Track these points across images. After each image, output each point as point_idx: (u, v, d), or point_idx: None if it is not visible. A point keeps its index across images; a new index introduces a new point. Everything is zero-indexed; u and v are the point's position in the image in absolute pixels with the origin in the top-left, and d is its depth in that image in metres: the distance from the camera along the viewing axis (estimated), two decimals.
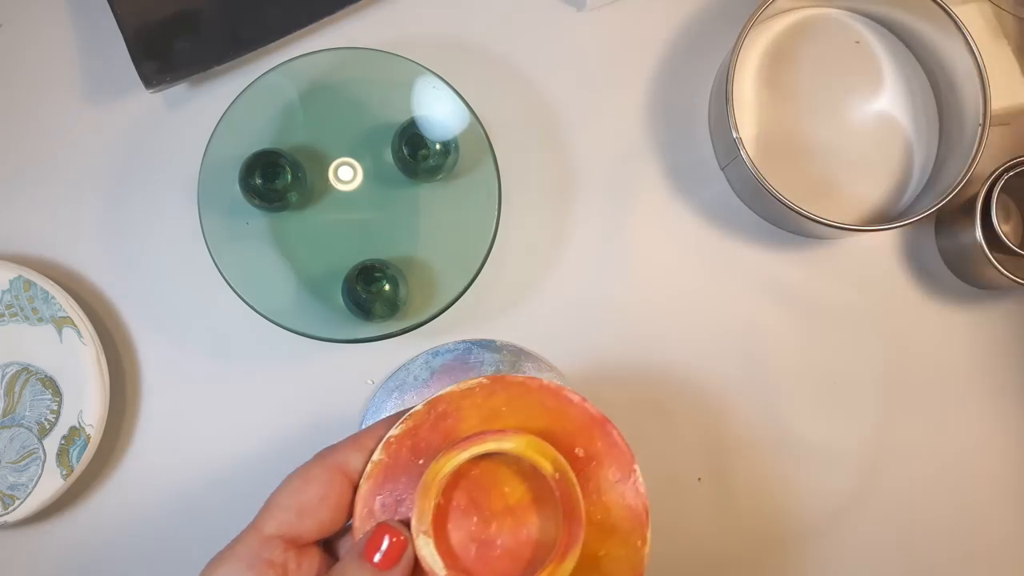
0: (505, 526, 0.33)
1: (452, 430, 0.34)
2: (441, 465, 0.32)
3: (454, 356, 0.51)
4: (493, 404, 0.34)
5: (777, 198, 0.47)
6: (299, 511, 0.33)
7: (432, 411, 0.34)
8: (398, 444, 0.33)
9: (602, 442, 0.34)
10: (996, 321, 0.53)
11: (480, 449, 0.32)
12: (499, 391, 0.34)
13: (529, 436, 0.32)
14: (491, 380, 0.34)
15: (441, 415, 0.34)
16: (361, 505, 0.33)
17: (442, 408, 0.34)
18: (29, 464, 0.49)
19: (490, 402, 0.34)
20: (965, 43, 0.48)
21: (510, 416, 0.34)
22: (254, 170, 0.48)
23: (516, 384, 0.34)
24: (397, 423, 0.34)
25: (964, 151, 0.48)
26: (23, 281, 0.49)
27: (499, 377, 0.34)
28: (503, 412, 0.34)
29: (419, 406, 0.34)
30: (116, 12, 0.50)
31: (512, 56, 0.53)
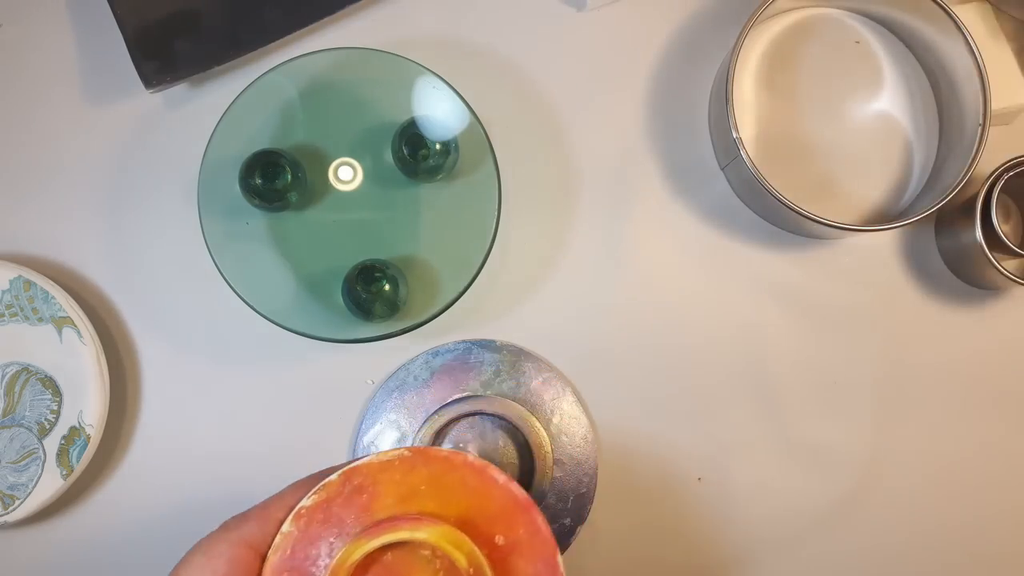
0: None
1: (366, 507, 0.32)
2: (350, 552, 0.30)
3: (454, 356, 0.51)
4: (412, 481, 0.32)
5: (777, 198, 0.47)
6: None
7: (347, 483, 0.32)
8: (309, 517, 0.32)
9: (524, 529, 0.32)
10: (996, 321, 0.53)
11: (392, 538, 0.30)
12: (420, 466, 0.33)
13: (444, 526, 0.31)
14: (413, 453, 0.33)
15: (356, 488, 0.32)
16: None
17: (358, 481, 0.32)
18: (29, 464, 0.49)
19: (409, 478, 0.32)
20: (965, 43, 0.48)
21: (429, 496, 0.32)
22: (254, 170, 0.48)
23: (439, 460, 0.33)
24: (309, 494, 0.33)
25: (964, 151, 0.48)
26: (23, 281, 0.49)
27: (422, 450, 0.33)
28: (422, 491, 0.32)
29: (334, 476, 0.33)
30: (116, 12, 0.50)
31: (512, 56, 0.53)
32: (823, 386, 0.52)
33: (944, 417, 0.53)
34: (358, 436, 0.50)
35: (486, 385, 0.50)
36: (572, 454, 0.50)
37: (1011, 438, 0.53)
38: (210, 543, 0.33)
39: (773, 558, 0.51)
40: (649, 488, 0.51)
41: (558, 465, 0.50)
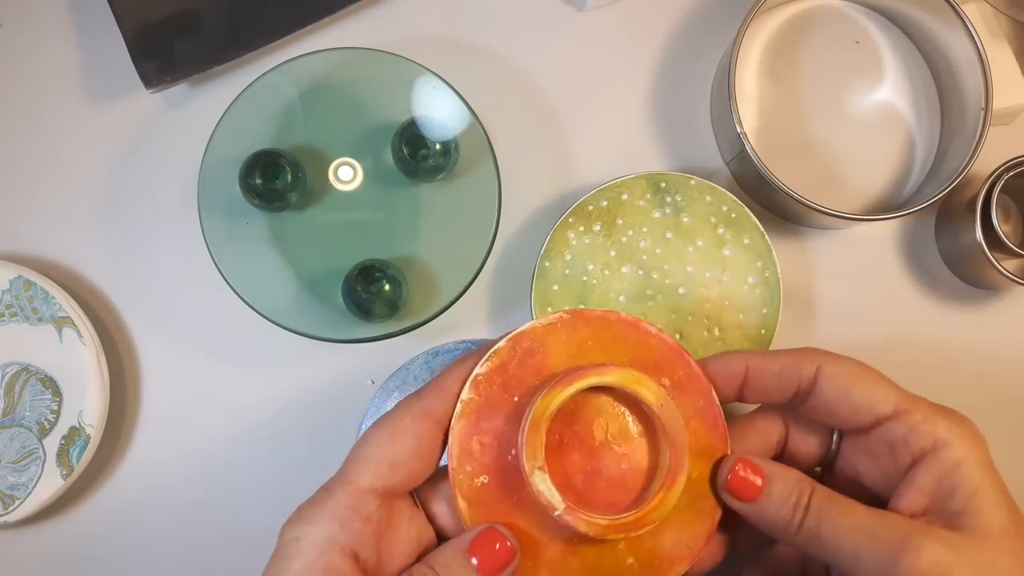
0: (609, 457, 0.34)
1: (542, 365, 0.34)
2: (548, 401, 0.32)
3: (454, 356, 0.51)
4: (578, 339, 0.34)
5: (783, 190, 0.47)
6: (392, 463, 0.32)
7: (517, 347, 0.34)
8: (487, 382, 0.34)
9: (682, 371, 0.35)
10: (996, 321, 0.53)
11: (585, 383, 0.32)
12: (581, 326, 0.35)
13: (630, 370, 0.33)
14: (571, 315, 0.35)
15: (527, 351, 0.34)
16: (457, 447, 0.33)
17: (527, 344, 0.34)
18: (29, 464, 0.49)
19: (575, 337, 0.34)
20: (965, 30, 0.48)
21: (596, 350, 0.34)
22: (254, 170, 0.48)
23: (596, 318, 0.35)
24: (481, 362, 0.34)
25: (966, 139, 0.48)
26: (23, 281, 0.49)
27: (579, 312, 0.35)
28: (589, 346, 0.34)
29: (501, 342, 0.34)
30: (116, 12, 0.50)
31: (512, 56, 0.53)
32: None
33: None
34: (358, 436, 0.50)
35: None
36: None
37: (1010, 438, 0.53)
38: (395, 419, 0.33)
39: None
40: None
41: None
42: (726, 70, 0.48)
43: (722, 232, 0.47)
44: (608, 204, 0.46)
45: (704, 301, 0.47)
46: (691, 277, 0.47)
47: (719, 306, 0.47)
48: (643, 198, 0.46)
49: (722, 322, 0.47)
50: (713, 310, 0.48)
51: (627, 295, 0.47)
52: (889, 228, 0.53)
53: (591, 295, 0.48)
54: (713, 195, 0.47)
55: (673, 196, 0.47)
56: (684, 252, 0.47)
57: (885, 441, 0.34)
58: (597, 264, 0.47)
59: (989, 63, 0.47)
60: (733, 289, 0.48)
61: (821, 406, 0.35)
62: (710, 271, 0.48)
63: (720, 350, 0.47)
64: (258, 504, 0.51)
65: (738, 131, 0.47)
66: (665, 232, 0.47)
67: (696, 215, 0.47)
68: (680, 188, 0.47)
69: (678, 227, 0.47)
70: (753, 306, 0.48)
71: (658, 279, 0.47)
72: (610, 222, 0.47)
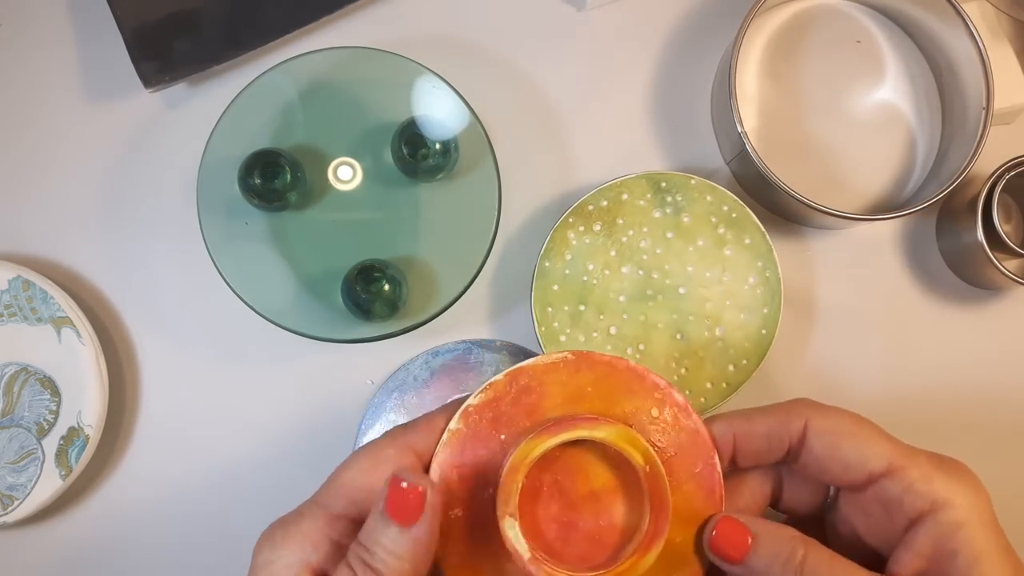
0: (587, 511, 0.33)
1: (535, 406, 0.33)
2: (530, 448, 0.31)
3: (454, 356, 0.51)
4: (578, 383, 0.34)
5: (784, 190, 0.47)
6: (369, 491, 0.32)
7: (514, 384, 0.33)
8: (477, 415, 0.33)
9: (686, 433, 0.34)
10: (996, 321, 0.53)
11: (571, 436, 0.32)
12: (584, 369, 0.34)
13: (621, 427, 0.32)
14: (576, 357, 0.34)
15: (523, 389, 0.33)
16: (437, 476, 0.33)
17: (524, 382, 0.33)
18: (28, 464, 0.48)
19: (575, 380, 0.34)
20: (966, 30, 0.48)
21: (596, 398, 0.34)
22: (254, 170, 0.48)
23: (602, 364, 0.34)
24: (475, 392, 0.33)
25: (967, 138, 0.48)
26: (22, 281, 0.49)
27: (585, 354, 0.34)
28: (588, 393, 0.33)
29: (499, 376, 0.33)
30: (116, 12, 0.50)
31: (512, 56, 0.53)
32: (823, 384, 0.52)
33: (943, 416, 0.53)
34: (358, 436, 0.50)
35: None
36: None
37: (1010, 438, 0.53)
38: (378, 448, 0.33)
39: None
40: None
41: None
42: (726, 70, 0.48)
43: (723, 232, 0.47)
44: (608, 204, 0.47)
45: (705, 301, 0.47)
46: (692, 277, 0.47)
47: (720, 306, 0.47)
48: (643, 198, 0.46)
49: (723, 322, 0.47)
50: (714, 310, 0.48)
51: (627, 295, 0.47)
52: (890, 228, 0.53)
53: (591, 295, 0.47)
54: (714, 195, 0.47)
55: (674, 196, 0.47)
56: (685, 252, 0.47)
57: (880, 500, 0.33)
58: (597, 264, 0.47)
59: (990, 63, 0.47)
60: (734, 289, 0.48)
61: (812, 463, 0.34)
62: (711, 271, 0.47)
63: (721, 350, 0.47)
64: (257, 504, 0.51)
65: (738, 131, 0.47)
66: (665, 232, 0.47)
67: (697, 215, 0.47)
68: (681, 188, 0.47)
69: (678, 227, 0.47)
70: (754, 306, 0.48)
71: (659, 279, 0.47)
72: (610, 222, 0.47)
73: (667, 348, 0.46)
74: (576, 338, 0.46)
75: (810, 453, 0.33)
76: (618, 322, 0.46)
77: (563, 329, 0.46)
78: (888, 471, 0.32)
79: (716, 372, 0.47)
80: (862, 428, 0.34)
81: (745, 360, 0.48)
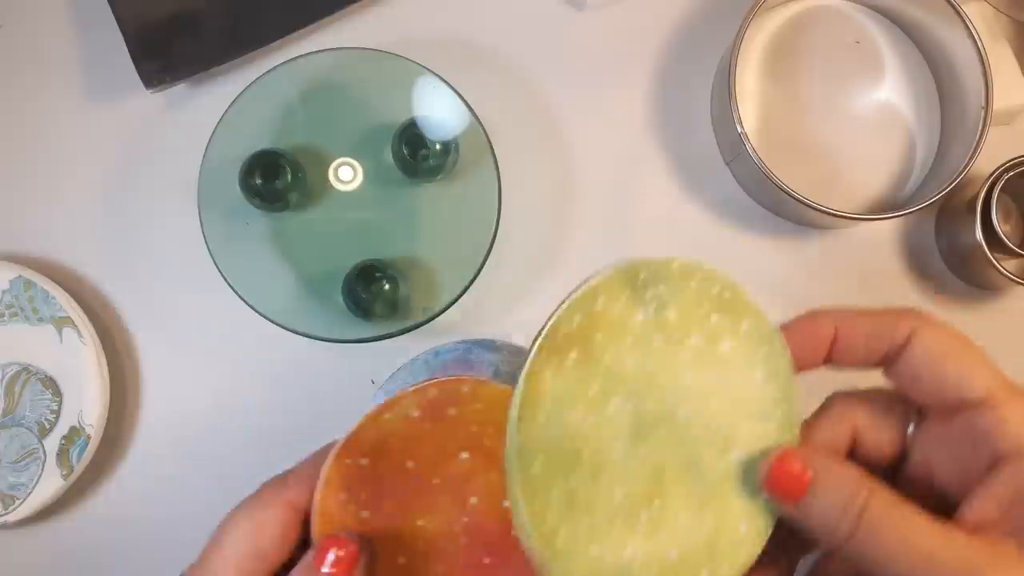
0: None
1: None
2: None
3: (454, 356, 0.51)
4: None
5: (783, 190, 0.47)
6: (256, 556, 0.33)
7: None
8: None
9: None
10: (996, 321, 0.53)
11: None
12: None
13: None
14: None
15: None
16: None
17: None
18: (29, 464, 0.49)
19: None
20: (966, 30, 0.48)
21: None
22: (254, 170, 0.48)
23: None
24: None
25: (966, 138, 0.48)
26: (23, 281, 0.49)
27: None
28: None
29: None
30: (116, 12, 0.50)
31: (512, 56, 0.53)
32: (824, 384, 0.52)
33: None
34: None
35: None
36: None
37: None
38: (254, 509, 0.34)
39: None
40: None
41: None
42: (726, 70, 0.48)
43: (716, 320, 0.38)
44: (581, 320, 0.36)
45: (713, 416, 0.37)
46: (691, 390, 0.37)
47: (731, 419, 0.37)
48: (620, 300, 0.37)
49: (738, 440, 0.37)
50: (725, 426, 0.37)
51: (623, 440, 0.36)
52: (889, 228, 0.53)
53: (579, 458, 0.36)
54: (699, 277, 0.38)
55: (655, 288, 0.37)
56: (676, 359, 0.37)
57: (968, 431, 0.30)
58: (578, 411, 0.36)
59: (989, 63, 0.47)
60: (742, 392, 0.38)
61: (906, 374, 0.31)
62: (711, 376, 0.38)
63: (740, 478, 0.37)
64: None
65: (738, 131, 0.47)
66: (652, 339, 0.37)
67: (684, 306, 0.38)
68: (661, 276, 0.37)
69: (665, 327, 0.37)
70: (768, 408, 0.38)
71: (654, 407, 0.37)
72: (586, 344, 0.36)
73: (685, 497, 0.36)
74: (578, 535, 0.35)
75: (907, 364, 0.31)
76: (622, 481, 0.36)
77: (560, 524, 0.34)
78: (984, 401, 0.30)
79: (748, 508, 0.36)
80: (969, 350, 0.31)
81: None
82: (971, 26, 0.48)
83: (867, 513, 0.29)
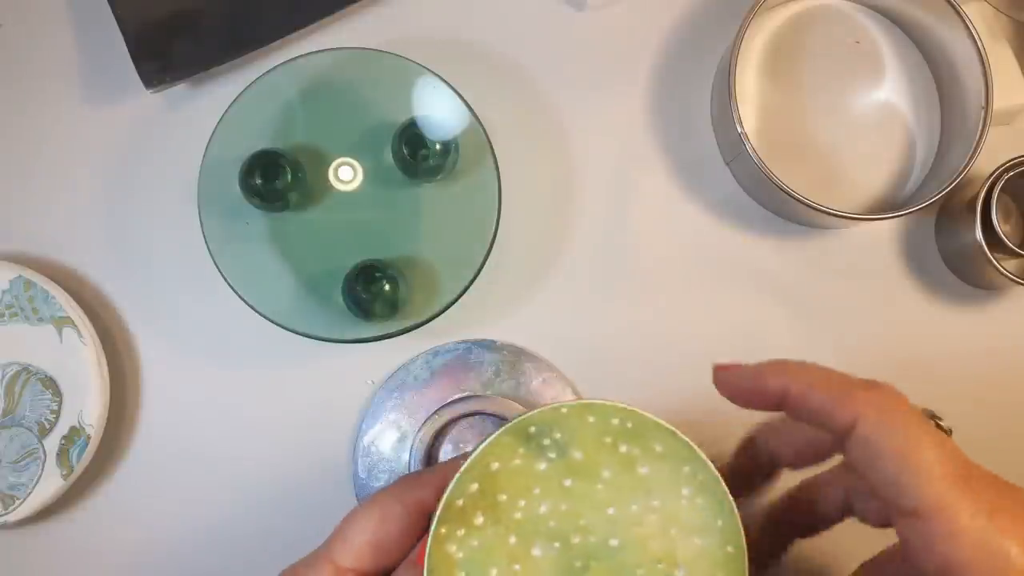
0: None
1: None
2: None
3: (454, 356, 0.51)
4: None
5: (783, 190, 0.47)
6: (377, 546, 0.32)
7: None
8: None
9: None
10: (996, 321, 0.53)
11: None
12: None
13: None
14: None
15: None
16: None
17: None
18: (29, 464, 0.49)
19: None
20: (966, 30, 0.48)
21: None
22: (254, 170, 0.48)
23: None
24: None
25: (966, 138, 0.48)
26: (23, 281, 0.49)
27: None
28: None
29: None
30: (116, 12, 0.50)
31: (512, 56, 0.53)
32: None
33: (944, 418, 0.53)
34: (359, 436, 0.50)
35: (486, 385, 0.50)
36: None
37: (1009, 439, 0.53)
38: (385, 503, 0.33)
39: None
40: None
41: None
42: (726, 70, 0.48)
43: (626, 450, 0.37)
44: (479, 486, 0.35)
45: (646, 541, 0.36)
46: (617, 521, 0.36)
47: (666, 539, 0.36)
48: (516, 456, 0.36)
49: (679, 558, 0.36)
50: (662, 548, 0.36)
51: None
52: (889, 228, 0.53)
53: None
54: (594, 413, 0.37)
55: (550, 436, 0.36)
56: (594, 494, 0.36)
57: (906, 537, 0.29)
58: (501, 566, 0.35)
59: (989, 63, 0.47)
60: (672, 511, 0.37)
61: (851, 459, 0.30)
62: (635, 502, 0.37)
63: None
64: (258, 504, 0.51)
65: (738, 131, 0.47)
66: (562, 482, 0.36)
67: (587, 445, 0.37)
68: (554, 423, 0.37)
69: (573, 469, 0.36)
70: (704, 521, 0.37)
71: (581, 542, 0.36)
72: (491, 505, 0.36)
73: None
74: None
75: (850, 452, 0.29)
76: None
77: None
78: (918, 511, 0.27)
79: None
80: (911, 444, 0.28)
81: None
82: (971, 26, 0.48)
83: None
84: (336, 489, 0.50)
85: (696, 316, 0.52)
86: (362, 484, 0.50)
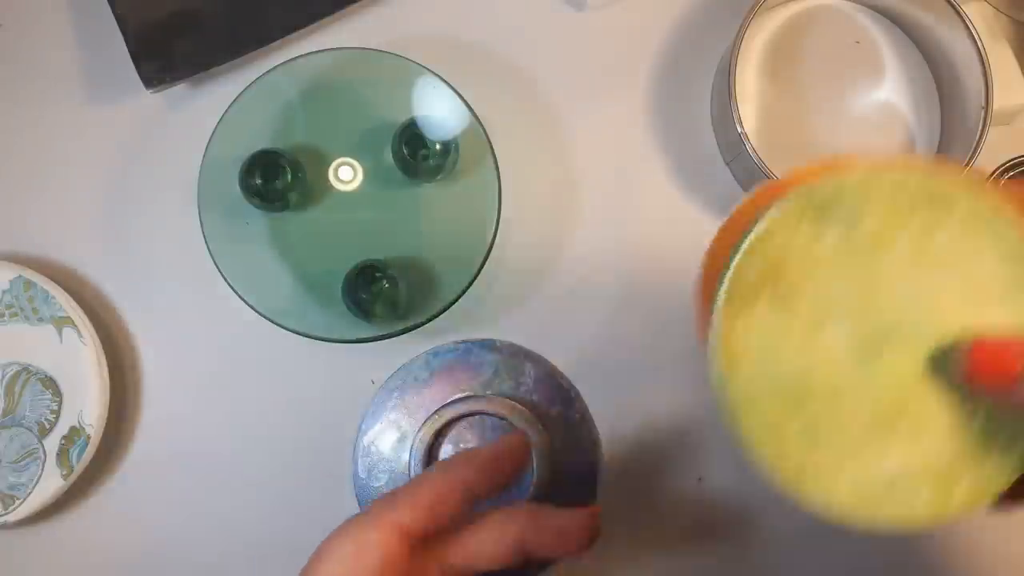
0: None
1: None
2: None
3: (454, 356, 0.51)
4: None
5: None
6: (429, 508, 0.31)
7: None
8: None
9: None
10: None
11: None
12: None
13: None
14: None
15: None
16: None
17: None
18: (29, 464, 0.49)
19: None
20: (966, 30, 0.48)
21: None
22: (254, 170, 0.48)
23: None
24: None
25: (966, 138, 0.48)
26: (23, 281, 0.49)
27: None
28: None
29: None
30: (116, 12, 0.50)
31: (512, 56, 0.53)
32: None
33: None
34: (359, 436, 0.50)
35: (486, 385, 0.50)
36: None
37: None
38: (360, 529, 0.31)
39: (773, 558, 0.51)
40: (649, 487, 0.51)
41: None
42: (726, 70, 0.48)
43: (923, 216, 0.33)
44: (762, 264, 0.34)
45: (947, 314, 0.33)
46: (913, 295, 0.33)
47: (970, 311, 0.33)
48: (801, 229, 0.33)
49: (984, 327, 0.33)
50: (966, 318, 0.33)
51: (852, 361, 0.33)
52: None
53: (811, 390, 0.34)
54: (892, 176, 0.34)
55: (839, 206, 0.34)
56: (887, 269, 0.33)
57: None
58: (790, 349, 0.34)
59: (989, 63, 0.47)
60: (975, 281, 0.33)
61: None
62: (933, 274, 0.33)
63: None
64: (258, 503, 0.51)
65: (738, 131, 0.47)
66: (852, 256, 0.34)
67: (879, 212, 0.33)
68: (842, 192, 0.34)
69: (864, 240, 0.33)
70: (1006, 292, 0.33)
71: (876, 322, 0.33)
72: (776, 284, 0.34)
73: (941, 400, 0.33)
74: (829, 459, 0.33)
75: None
76: (866, 396, 0.33)
77: (806, 456, 0.33)
78: None
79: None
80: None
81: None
82: (971, 26, 0.48)
83: None
84: (336, 489, 0.50)
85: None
86: (362, 484, 0.50)
